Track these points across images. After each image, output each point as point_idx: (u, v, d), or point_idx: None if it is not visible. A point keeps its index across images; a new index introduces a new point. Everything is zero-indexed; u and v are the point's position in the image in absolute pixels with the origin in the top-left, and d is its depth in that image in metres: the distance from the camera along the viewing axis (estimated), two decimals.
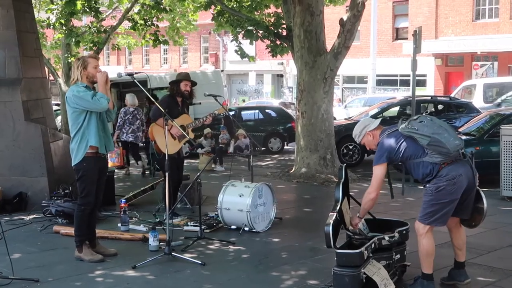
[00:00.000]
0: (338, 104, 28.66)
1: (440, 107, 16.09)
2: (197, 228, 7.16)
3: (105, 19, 20.50)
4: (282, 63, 36.29)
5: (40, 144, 8.83)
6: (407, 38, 28.86)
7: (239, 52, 16.26)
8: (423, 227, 5.22)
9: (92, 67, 6.16)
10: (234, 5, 16.03)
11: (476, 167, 11.18)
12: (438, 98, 18.52)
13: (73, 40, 16.70)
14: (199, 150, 14.03)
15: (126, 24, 20.17)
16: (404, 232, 5.54)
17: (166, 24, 22.98)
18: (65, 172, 8.99)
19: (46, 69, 14.11)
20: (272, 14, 16.14)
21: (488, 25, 28.09)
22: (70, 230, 6.91)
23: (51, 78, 21.59)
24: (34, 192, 8.72)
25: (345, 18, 11.92)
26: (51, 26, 17.37)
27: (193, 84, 8.30)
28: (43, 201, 8.33)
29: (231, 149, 15.15)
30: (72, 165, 6.21)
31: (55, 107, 17.54)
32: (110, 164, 10.58)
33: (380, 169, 5.23)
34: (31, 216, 8.24)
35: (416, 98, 12.17)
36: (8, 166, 8.74)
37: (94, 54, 6.62)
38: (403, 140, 5.20)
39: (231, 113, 17.99)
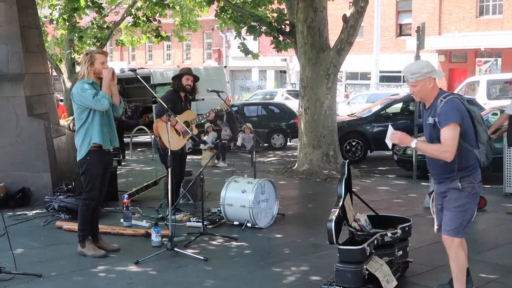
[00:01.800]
0: (346, 99, 28.60)
1: None
2: (200, 224, 7.17)
3: (108, 15, 20.51)
4: (285, 59, 36.27)
5: (43, 139, 8.84)
6: (410, 34, 28.84)
7: (242, 49, 16.24)
8: (457, 240, 4.64)
9: (99, 63, 6.16)
10: (238, 1, 16.00)
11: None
12: None
13: (76, 35, 16.71)
14: (202, 146, 14.03)
15: (129, 20, 20.17)
16: (407, 228, 5.53)
17: (170, 20, 22.96)
18: (68, 167, 9.01)
19: (49, 65, 14.12)
20: (275, 10, 16.10)
21: (492, 21, 28.02)
22: (73, 226, 6.93)
23: (54, 73, 21.63)
24: (37, 187, 8.73)
25: (348, 14, 11.89)
26: (54, 22, 17.37)
27: (196, 79, 8.29)
28: (46, 197, 8.35)
29: (239, 142, 15.14)
30: (77, 160, 6.22)
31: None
32: None
33: (456, 129, 4.42)
34: (34, 212, 8.26)
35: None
36: (11, 162, 8.75)
37: (102, 50, 6.62)
38: (468, 117, 4.57)
39: (234, 109, 17.98)
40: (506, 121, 9.07)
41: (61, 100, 22.46)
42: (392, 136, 4.63)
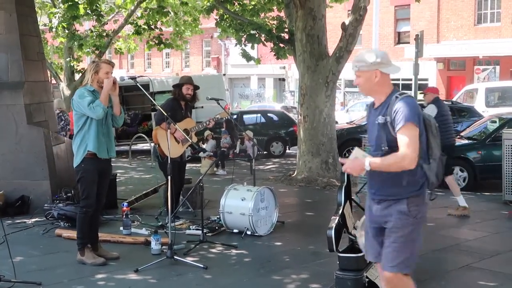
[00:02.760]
0: (341, 108, 28.66)
1: None
2: (199, 232, 7.16)
3: (107, 23, 20.54)
4: (284, 67, 36.32)
5: (42, 147, 8.83)
6: (409, 42, 28.90)
7: (243, 56, 16.29)
8: (402, 277, 3.93)
9: (103, 73, 6.18)
10: (237, 9, 16.06)
11: (479, 171, 11.26)
12: None
13: (76, 43, 16.73)
14: (201, 154, 14.04)
15: (128, 28, 20.20)
16: None
17: (170, 28, 23.00)
18: (67, 175, 9.00)
19: (49, 73, 14.15)
20: (274, 18, 16.16)
21: (490, 29, 28.10)
22: (72, 234, 6.92)
23: (53, 81, 21.63)
24: (36, 195, 8.72)
25: (347, 22, 11.94)
26: (53, 30, 17.40)
27: (196, 87, 8.31)
28: (45, 205, 8.32)
29: (237, 150, 15.16)
30: (74, 166, 6.24)
31: (57, 111, 17.56)
32: None
33: (416, 130, 3.73)
34: (33, 220, 8.24)
35: (418, 103, 12.13)
36: (11, 170, 8.74)
37: (109, 60, 6.63)
38: (423, 124, 3.89)
39: (233, 117, 18.00)
40: None
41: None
42: (344, 167, 3.92)
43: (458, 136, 12.63)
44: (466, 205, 8.79)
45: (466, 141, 12.00)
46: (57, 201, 8.23)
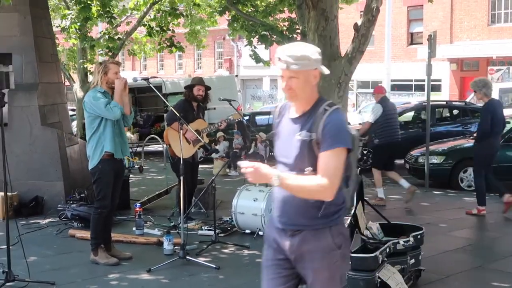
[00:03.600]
0: (353, 109, 28.60)
1: (455, 112, 16.02)
2: (212, 232, 7.18)
3: (120, 25, 20.61)
4: None
5: (56, 148, 8.90)
6: (422, 43, 28.77)
7: (253, 57, 16.29)
8: None
9: (112, 73, 6.22)
10: (249, 10, 16.07)
11: (493, 172, 11.18)
12: (453, 103, 18.41)
13: (88, 44, 16.81)
14: (214, 155, 14.06)
15: (141, 30, 20.27)
16: (419, 236, 5.51)
17: (183, 30, 23.05)
18: (81, 176, 9.06)
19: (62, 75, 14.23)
20: (286, 19, 16.16)
21: (503, 29, 27.90)
22: (86, 234, 6.96)
23: (67, 83, 21.75)
24: (50, 196, 8.79)
25: (359, 23, 11.88)
26: (66, 31, 17.48)
27: (207, 88, 8.34)
28: (59, 205, 8.40)
29: (251, 151, 15.17)
30: (89, 168, 6.27)
31: (70, 112, 17.69)
32: None
33: (343, 156, 3.03)
34: (47, 220, 8.31)
35: (431, 103, 12.12)
36: (25, 170, 8.81)
37: (116, 60, 6.67)
38: None
39: (245, 118, 18.01)
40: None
41: (73, 110, 22.61)
42: (243, 170, 2.97)
43: (471, 137, 12.58)
44: (383, 197, 9.60)
45: None
46: (71, 202, 8.29)
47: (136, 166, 14.16)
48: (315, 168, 3.02)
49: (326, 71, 3.13)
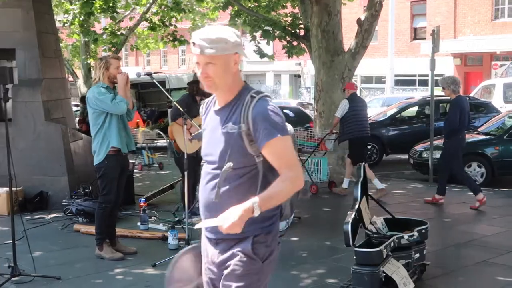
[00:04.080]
0: None
1: None
2: None
3: (123, 21, 20.63)
4: (299, 64, 36.26)
5: (60, 144, 8.91)
6: (425, 38, 28.72)
7: (257, 52, 16.28)
8: None
9: (114, 68, 6.21)
10: (252, 5, 16.06)
11: (497, 167, 11.24)
12: None
13: (92, 38, 16.82)
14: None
15: (144, 25, 20.28)
16: (424, 231, 5.51)
17: (185, 25, 23.05)
18: (85, 171, 9.07)
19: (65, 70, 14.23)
20: (289, 14, 16.15)
21: (507, 24, 27.83)
22: (91, 229, 6.98)
23: (70, 79, 21.78)
24: (55, 191, 8.81)
25: (362, 18, 11.89)
26: (68, 24, 17.47)
27: None
28: (64, 200, 8.41)
29: None
30: (94, 164, 6.27)
31: (74, 108, 17.71)
32: None
33: (290, 139, 2.83)
34: (52, 215, 8.33)
35: (434, 98, 12.11)
36: (29, 166, 8.81)
37: (116, 55, 6.68)
38: None
39: None
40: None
41: (76, 105, 22.60)
42: (224, 229, 2.62)
43: (475, 132, 12.56)
44: (382, 187, 9.83)
45: (483, 137, 11.93)
46: (75, 197, 8.31)
47: (156, 164, 14.02)
48: (241, 167, 2.75)
49: (246, 55, 2.87)
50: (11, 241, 5.60)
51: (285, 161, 2.72)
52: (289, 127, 2.89)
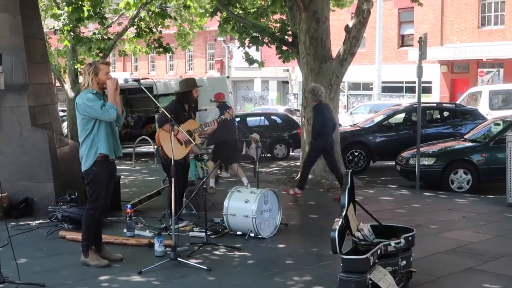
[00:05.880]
0: (344, 110, 28.67)
1: (445, 114, 16.09)
2: (203, 234, 7.17)
3: (111, 26, 20.57)
4: (287, 70, 36.32)
5: (46, 149, 8.85)
6: (412, 45, 28.89)
7: (245, 59, 16.30)
8: None
9: (103, 74, 6.18)
10: (240, 12, 16.08)
11: (483, 174, 11.34)
12: (444, 105, 18.53)
13: (85, 46, 16.75)
14: (205, 156, 14.02)
15: (131, 30, 20.24)
16: (410, 238, 5.53)
17: (173, 31, 23.02)
18: (71, 177, 9.01)
19: (53, 75, 14.14)
20: (277, 21, 16.18)
21: (493, 32, 28.06)
22: (76, 236, 6.93)
23: (57, 84, 21.64)
24: (40, 197, 8.74)
25: (350, 25, 11.94)
26: (59, 32, 17.40)
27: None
28: (49, 207, 8.34)
29: (243, 152, 15.11)
30: (82, 170, 6.23)
31: (61, 113, 17.61)
32: None
33: None
34: (37, 221, 8.25)
35: (421, 105, 12.17)
36: (15, 172, 8.75)
37: (105, 61, 6.64)
38: None
39: (237, 119, 17.99)
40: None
41: (63, 110, 22.50)
42: None
43: (462, 139, 12.63)
44: (213, 186, 11.13)
45: (470, 144, 11.99)
46: (61, 203, 8.24)
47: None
48: None
49: None
50: None
51: None
52: None
